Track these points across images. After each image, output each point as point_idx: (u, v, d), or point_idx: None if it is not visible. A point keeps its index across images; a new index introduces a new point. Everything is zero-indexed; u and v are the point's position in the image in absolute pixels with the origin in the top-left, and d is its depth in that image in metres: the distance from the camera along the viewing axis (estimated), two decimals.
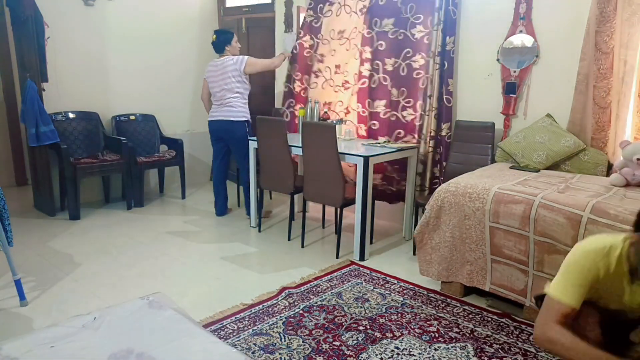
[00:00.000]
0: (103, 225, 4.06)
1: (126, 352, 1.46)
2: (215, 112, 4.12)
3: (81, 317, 1.68)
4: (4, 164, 5.18)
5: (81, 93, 4.57)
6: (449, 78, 3.57)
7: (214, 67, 4.09)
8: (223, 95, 4.06)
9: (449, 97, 3.59)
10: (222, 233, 3.95)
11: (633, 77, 2.85)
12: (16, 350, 1.46)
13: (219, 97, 4.09)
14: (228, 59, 4.04)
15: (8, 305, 2.64)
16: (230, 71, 4.01)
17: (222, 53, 4.10)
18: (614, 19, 2.81)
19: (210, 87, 4.13)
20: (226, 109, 4.06)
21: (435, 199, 2.72)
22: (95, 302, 2.66)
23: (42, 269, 3.13)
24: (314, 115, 4.08)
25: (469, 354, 2.21)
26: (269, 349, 2.23)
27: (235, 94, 4.05)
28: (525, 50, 3.25)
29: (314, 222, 4.15)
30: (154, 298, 1.83)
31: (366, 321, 2.49)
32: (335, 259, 3.37)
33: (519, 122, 3.36)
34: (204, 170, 5.72)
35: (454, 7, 3.48)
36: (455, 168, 3.43)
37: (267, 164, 3.77)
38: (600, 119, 2.94)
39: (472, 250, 2.61)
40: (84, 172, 4.23)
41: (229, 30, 4.26)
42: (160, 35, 5.06)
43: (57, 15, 4.27)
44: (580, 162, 2.99)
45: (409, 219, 3.75)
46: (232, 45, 4.11)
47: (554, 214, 2.27)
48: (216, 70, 4.07)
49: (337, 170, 3.27)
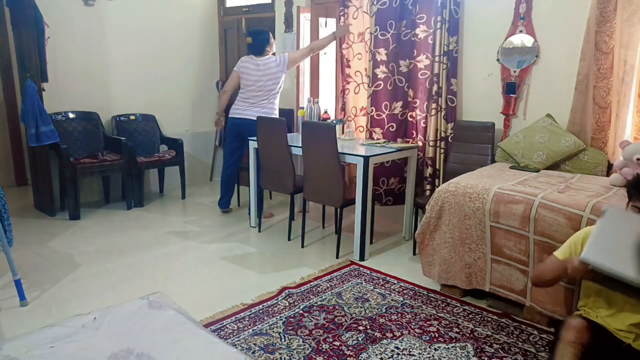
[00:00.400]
0: (103, 225, 4.06)
1: (126, 352, 1.46)
2: (246, 110, 4.06)
3: (81, 317, 1.68)
4: (4, 164, 5.17)
5: (81, 93, 4.57)
6: (453, 78, 3.57)
7: (254, 66, 4.02)
8: (260, 95, 4.03)
9: (452, 97, 3.59)
10: (222, 233, 3.95)
11: (633, 77, 2.85)
12: (16, 350, 1.46)
13: (254, 96, 4.03)
14: (271, 60, 4.01)
15: (8, 305, 2.64)
16: (273, 73, 3.98)
17: (262, 54, 4.04)
18: (614, 19, 2.81)
19: (245, 84, 4.06)
20: (257, 110, 4.01)
21: (436, 199, 2.72)
22: (95, 302, 2.66)
23: (42, 269, 3.13)
24: (314, 115, 4.08)
25: (469, 354, 2.21)
26: (269, 349, 2.23)
27: (273, 95, 4.05)
28: (525, 50, 3.25)
29: (314, 222, 4.15)
30: (154, 298, 1.83)
31: (366, 321, 2.49)
32: (335, 259, 3.37)
33: (519, 122, 3.36)
34: (204, 170, 5.72)
35: (456, 6, 3.48)
36: (455, 168, 3.43)
37: (267, 164, 3.77)
38: (600, 119, 2.94)
39: (472, 250, 2.61)
40: (84, 172, 4.23)
41: (263, 30, 4.17)
42: (161, 36, 5.06)
43: (57, 15, 4.27)
44: (580, 162, 2.99)
45: (409, 219, 3.75)
46: (271, 44, 4.08)
47: (554, 214, 2.27)
48: (257, 69, 4.01)
49: (337, 170, 3.26)
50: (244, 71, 4.06)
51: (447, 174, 3.49)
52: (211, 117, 5.64)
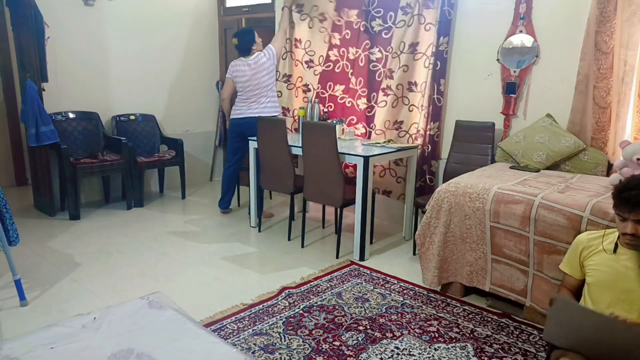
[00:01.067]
0: (103, 225, 4.06)
1: (126, 352, 1.46)
2: (246, 110, 4.09)
3: (81, 317, 1.68)
4: (4, 164, 5.18)
5: (81, 93, 4.57)
6: (441, 78, 3.59)
7: (247, 66, 4.04)
8: (259, 93, 4.06)
9: (439, 97, 3.62)
10: (222, 233, 3.95)
11: (633, 77, 2.85)
12: (16, 350, 1.46)
13: (253, 94, 4.07)
14: (260, 56, 4.05)
15: (8, 305, 2.64)
16: (266, 68, 4.03)
17: (249, 54, 4.08)
18: (614, 19, 2.81)
19: (240, 86, 4.10)
20: (257, 107, 4.05)
21: (436, 199, 2.72)
22: (95, 302, 2.66)
23: (42, 269, 3.13)
24: (314, 115, 4.08)
25: (469, 354, 2.21)
26: (269, 349, 2.23)
27: (271, 90, 4.09)
28: (525, 50, 3.25)
29: (314, 222, 4.15)
30: (154, 298, 1.83)
31: (366, 321, 2.49)
32: (335, 259, 3.37)
33: (519, 122, 3.36)
34: (204, 170, 5.72)
35: (450, 7, 3.48)
36: (455, 168, 3.43)
37: (267, 164, 3.77)
38: (600, 119, 2.94)
39: (473, 249, 2.61)
40: (84, 172, 4.23)
41: (248, 29, 4.23)
42: (161, 36, 5.06)
43: (57, 15, 4.27)
44: (580, 162, 2.99)
45: (409, 219, 3.75)
46: (257, 43, 4.11)
47: (554, 214, 2.27)
48: (250, 68, 4.03)
49: (337, 170, 3.26)
50: (237, 75, 4.10)
51: (447, 174, 3.49)
52: (211, 117, 5.65)
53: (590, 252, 1.82)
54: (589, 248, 1.83)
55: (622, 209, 1.62)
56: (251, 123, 3.98)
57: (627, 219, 1.62)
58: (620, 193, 1.63)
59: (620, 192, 1.63)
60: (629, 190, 1.59)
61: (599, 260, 1.79)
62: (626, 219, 1.62)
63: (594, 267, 1.79)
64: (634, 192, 1.57)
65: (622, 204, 1.61)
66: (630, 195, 1.58)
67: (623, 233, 1.65)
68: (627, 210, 1.60)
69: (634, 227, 1.61)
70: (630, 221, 1.61)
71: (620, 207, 1.63)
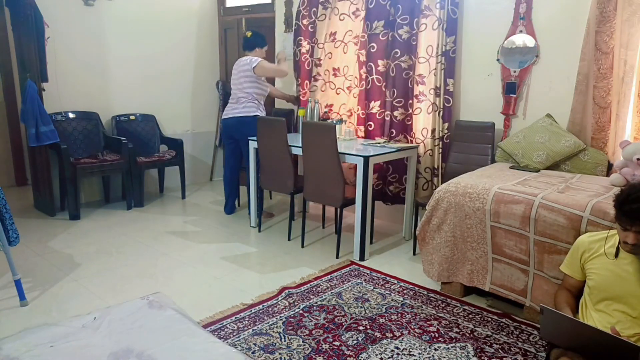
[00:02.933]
0: (103, 225, 4.06)
1: (126, 351, 1.46)
2: (230, 110, 4.14)
3: (81, 317, 1.68)
4: (4, 164, 5.17)
5: (81, 93, 4.57)
6: (449, 78, 3.56)
7: (235, 66, 4.13)
8: (235, 94, 4.11)
9: (448, 97, 3.59)
10: (222, 233, 3.95)
11: (633, 77, 2.85)
12: (16, 350, 1.46)
13: (233, 95, 4.14)
14: (245, 58, 4.07)
15: (8, 305, 2.64)
16: (243, 70, 4.04)
17: (250, 50, 4.11)
18: (614, 19, 2.81)
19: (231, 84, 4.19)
20: (234, 107, 4.10)
21: (436, 199, 2.72)
22: (95, 302, 2.66)
23: (42, 269, 3.13)
24: (314, 116, 4.08)
25: (469, 354, 2.21)
26: (269, 349, 2.23)
27: (245, 94, 4.06)
28: (525, 50, 3.25)
29: (314, 222, 4.15)
30: (154, 298, 1.83)
31: (366, 321, 2.49)
32: (335, 259, 3.37)
33: (519, 122, 3.36)
34: (204, 170, 5.72)
35: (454, 7, 3.48)
36: (455, 168, 3.43)
37: (267, 164, 3.77)
38: (600, 119, 2.94)
39: (474, 248, 2.61)
40: (84, 172, 4.23)
41: (265, 37, 4.24)
42: (161, 36, 5.06)
43: (57, 15, 4.27)
44: (580, 162, 2.99)
45: (409, 219, 3.75)
46: (261, 50, 4.14)
47: (554, 214, 2.27)
48: (236, 68, 4.11)
49: (337, 170, 3.26)
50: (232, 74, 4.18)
51: (447, 174, 3.49)
52: (211, 117, 5.65)
53: (591, 255, 1.81)
54: (590, 251, 1.82)
55: (623, 221, 1.61)
56: (232, 124, 4.07)
57: (628, 230, 1.60)
58: (621, 206, 1.60)
59: (621, 206, 1.60)
60: (630, 203, 1.57)
61: (599, 264, 1.78)
62: (628, 229, 1.60)
63: (594, 270, 1.79)
64: (635, 205, 1.55)
65: (624, 217, 1.60)
66: (632, 209, 1.56)
67: (624, 242, 1.63)
68: (628, 223, 1.59)
69: (636, 237, 1.59)
70: (632, 232, 1.59)
71: (621, 219, 1.61)
